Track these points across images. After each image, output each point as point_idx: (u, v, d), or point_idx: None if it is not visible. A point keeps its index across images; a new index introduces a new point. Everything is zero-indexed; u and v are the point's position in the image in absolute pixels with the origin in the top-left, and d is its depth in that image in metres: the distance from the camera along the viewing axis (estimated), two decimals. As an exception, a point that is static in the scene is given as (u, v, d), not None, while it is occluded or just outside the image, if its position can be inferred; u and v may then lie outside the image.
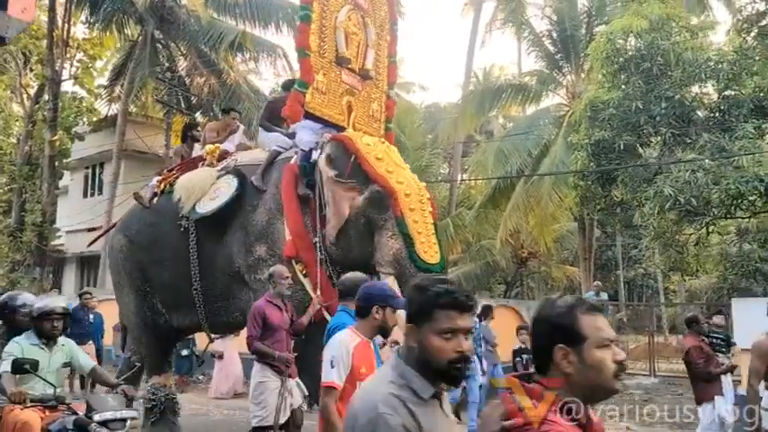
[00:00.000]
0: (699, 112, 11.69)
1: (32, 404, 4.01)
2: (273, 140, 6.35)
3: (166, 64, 18.52)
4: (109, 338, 10.86)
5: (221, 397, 10.58)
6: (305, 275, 5.57)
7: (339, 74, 6.11)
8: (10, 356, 4.09)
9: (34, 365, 4.07)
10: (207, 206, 6.05)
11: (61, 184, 21.09)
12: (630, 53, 11.62)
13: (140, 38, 17.69)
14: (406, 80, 29.18)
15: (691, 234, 12.20)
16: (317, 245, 5.55)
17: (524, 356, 7.83)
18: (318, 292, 5.44)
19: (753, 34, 12.11)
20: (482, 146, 21.60)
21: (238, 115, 7.61)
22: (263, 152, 6.47)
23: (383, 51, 6.62)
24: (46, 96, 19.23)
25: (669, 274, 19.77)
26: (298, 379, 5.26)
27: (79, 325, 9.54)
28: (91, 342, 9.67)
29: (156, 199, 6.80)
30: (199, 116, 19.12)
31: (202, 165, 6.65)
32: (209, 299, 6.19)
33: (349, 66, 6.16)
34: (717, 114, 11.32)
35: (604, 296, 14.65)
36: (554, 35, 16.74)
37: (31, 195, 19.39)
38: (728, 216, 11.53)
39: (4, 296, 4.77)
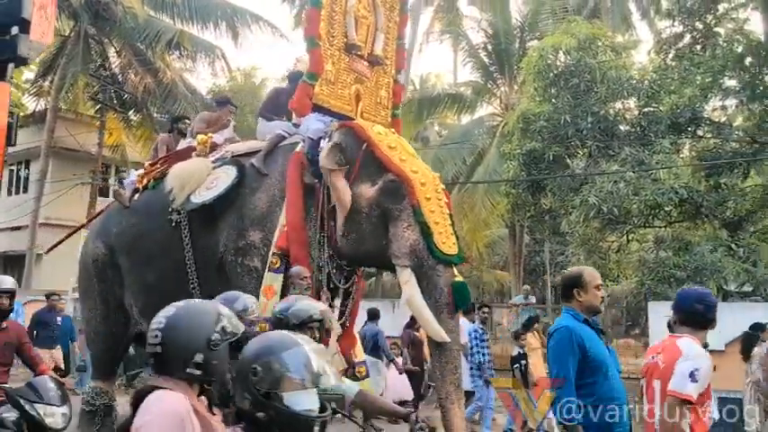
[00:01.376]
0: (621, 127, 12.44)
1: None
2: (275, 127, 5.92)
3: (99, 60, 18.08)
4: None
5: None
6: None
7: (348, 62, 5.70)
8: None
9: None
10: (203, 195, 5.60)
11: (-16, 180, 20.25)
12: (560, 69, 12.26)
13: (73, 33, 17.21)
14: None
15: (613, 241, 12.94)
16: (319, 240, 5.21)
17: (522, 362, 7.47)
18: (325, 290, 5.15)
19: (671, 55, 12.99)
20: (418, 153, 22.04)
21: (235, 109, 7.10)
22: (260, 143, 6.02)
23: (392, 34, 6.15)
24: (-31, 89, 18.41)
25: (593, 279, 20.64)
26: None
27: (47, 329, 8.90)
28: (59, 347, 8.98)
29: (137, 195, 6.27)
30: (131, 114, 18.78)
31: (195, 155, 6.12)
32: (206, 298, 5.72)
33: (358, 52, 5.76)
34: (637, 129, 12.08)
35: (533, 299, 15.27)
36: (489, 48, 17.35)
37: (-49, 192, 18.53)
38: (647, 225, 12.32)
39: (218, 298, 3.78)
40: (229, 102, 7.15)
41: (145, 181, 6.28)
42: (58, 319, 9.23)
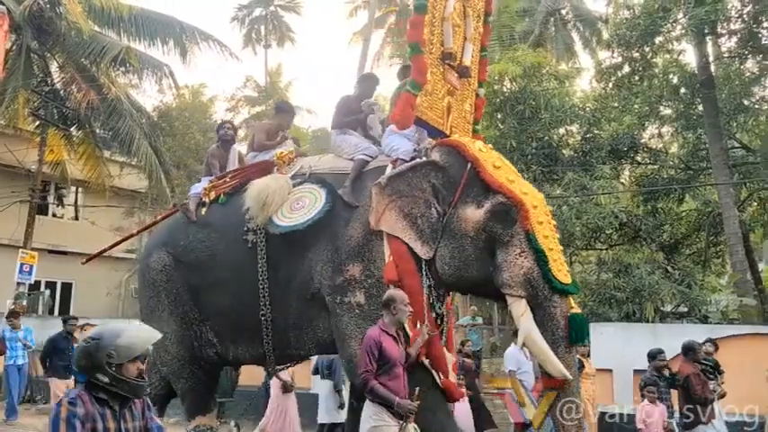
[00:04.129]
0: (564, 152, 12.85)
1: None
2: (354, 146, 5.59)
3: (41, 75, 17.58)
4: None
5: None
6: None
7: (442, 72, 5.32)
8: None
9: None
10: (292, 219, 5.22)
11: None
12: (506, 95, 12.61)
13: (15, 47, 16.69)
14: (294, 104, 29.34)
15: (557, 263, 13.22)
16: (423, 267, 4.83)
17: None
18: (426, 323, 4.71)
19: (611, 84, 13.52)
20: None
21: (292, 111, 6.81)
22: (337, 158, 5.70)
23: (477, 45, 5.79)
24: None
25: (538, 299, 21.05)
26: (415, 424, 4.45)
27: (61, 357, 8.40)
28: (74, 377, 8.22)
29: (203, 209, 5.87)
30: (74, 131, 18.29)
31: (276, 171, 5.75)
32: (280, 328, 5.36)
33: (451, 62, 5.40)
34: (580, 155, 12.52)
35: (479, 320, 15.44)
36: (438, 72, 17.65)
37: None
38: (589, 247, 12.70)
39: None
40: (292, 110, 6.83)
41: (212, 194, 5.87)
42: (75, 346, 8.43)
